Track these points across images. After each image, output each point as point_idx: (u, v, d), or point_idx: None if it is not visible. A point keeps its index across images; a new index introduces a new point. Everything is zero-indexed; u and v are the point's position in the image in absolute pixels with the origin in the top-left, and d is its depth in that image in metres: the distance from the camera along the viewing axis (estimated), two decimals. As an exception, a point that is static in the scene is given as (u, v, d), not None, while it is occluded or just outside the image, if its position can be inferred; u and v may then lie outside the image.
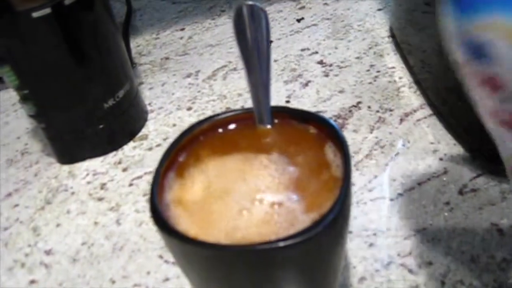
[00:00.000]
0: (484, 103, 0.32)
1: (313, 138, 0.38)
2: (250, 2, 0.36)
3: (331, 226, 0.31)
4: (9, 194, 0.62)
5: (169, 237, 0.32)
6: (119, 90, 0.62)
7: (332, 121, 0.37)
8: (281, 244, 0.30)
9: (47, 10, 0.53)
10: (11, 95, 0.80)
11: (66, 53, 0.57)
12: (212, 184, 0.37)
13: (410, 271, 0.46)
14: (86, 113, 0.61)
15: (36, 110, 0.59)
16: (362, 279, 0.46)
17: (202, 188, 0.36)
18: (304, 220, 0.33)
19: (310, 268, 0.34)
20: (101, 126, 0.62)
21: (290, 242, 0.30)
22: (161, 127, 0.67)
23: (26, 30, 0.53)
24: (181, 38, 0.84)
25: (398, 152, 0.57)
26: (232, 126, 0.40)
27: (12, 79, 0.56)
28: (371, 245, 0.49)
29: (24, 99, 0.59)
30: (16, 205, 0.60)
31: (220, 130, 0.40)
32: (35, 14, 0.52)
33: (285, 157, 0.37)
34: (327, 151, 0.37)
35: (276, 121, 0.39)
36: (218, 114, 0.40)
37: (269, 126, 0.39)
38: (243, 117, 0.40)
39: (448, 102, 0.59)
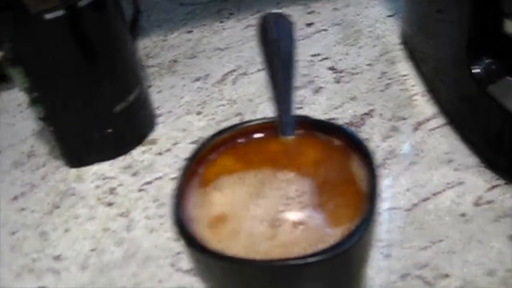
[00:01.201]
0: None
1: (337, 150, 0.37)
2: (277, 11, 0.35)
3: (360, 242, 0.31)
4: (15, 197, 0.61)
5: (201, 254, 0.31)
6: (130, 93, 0.61)
7: (357, 134, 0.37)
8: (310, 260, 0.29)
9: (60, 12, 0.52)
10: (16, 96, 0.79)
11: (78, 56, 0.56)
12: (233, 199, 0.36)
13: (427, 283, 0.46)
14: (96, 116, 0.60)
15: (46, 113, 0.59)
16: (378, 291, 0.46)
17: (223, 203, 0.36)
18: (331, 236, 0.32)
19: (336, 283, 0.33)
20: (110, 130, 0.62)
21: (319, 258, 0.29)
22: (171, 132, 0.66)
23: (38, 32, 0.53)
24: (189, 40, 0.83)
25: (412, 162, 0.56)
26: (254, 137, 0.39)
27: (22, 81, 0.56)
28: (387, 256, 0.48)
29: (34, 102, 0.58)
30: (23, 209, 0.60)
31: (241, 140, 0.39)
32: (48, 16, 0.52)
33: (308, 171, 0.37)
34: (352, 164, 0.36)
35: (298, 131, 0.39)
36: (239, 124, 0.39)
37: (291, 137, 0.38)
38: (265, 127, 0.39)
39: (462, 112, 0.59)
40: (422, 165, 0.56)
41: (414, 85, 0.67)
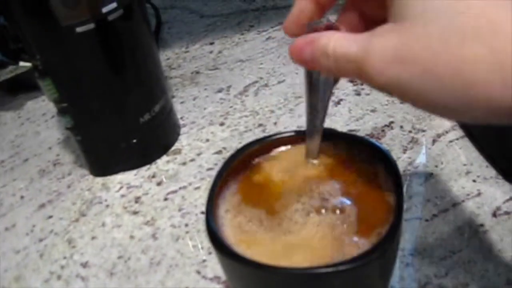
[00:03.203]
0: None
1: (362, 162, 0.38)
2: (328, 21, 0.34)
3: (384, 253, 0.32)
4: (42, 205, 0.63)
5: (231, 260, 0.32)
6: (155, 104, 0.62)
7: (382, 146, 0.38)
8: (341, 268, 0.30)
9: (91, 26, 0.53)
10: (41, 105, 0.81)
11: (106, 67, 0.57)
12: (263, 210, 0.37)
13: (447, 292, 0.47)
14: (122, 127, 0.62)
15: (74, 123, 0.60)
16: (400, 299, 0.47)
17: (253, 214, 0.37)
18: (357, 246, 0.33)
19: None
20: (135, 140, 0.63)
21: (349, 266, 0.30)
22: (194, 142, 0.67)
23: (69, 45, 0.54)
24: (211, 52, 0.84)
25: (431, 173, 0.57)
26: (281, 149, 0.40)
27: (51, 92, 0.57)
28: (407, 265, 0.49)
29: (62, 112, 0.59)
30: (50, 217, 0.61)
31: (271, 153, 0.40)
32: (78, 29, 0.53)
33: (334, 182, 0.38)
34: (377, 175, 0.37)
35: (325, 145, 0.40)
36: (266, 137, 0.41)
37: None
38: (292, 140, 0.40)
39: (480, 124, 0.59)
40: (441, 177, 0.57)
41: (433, 98, 0.67)
